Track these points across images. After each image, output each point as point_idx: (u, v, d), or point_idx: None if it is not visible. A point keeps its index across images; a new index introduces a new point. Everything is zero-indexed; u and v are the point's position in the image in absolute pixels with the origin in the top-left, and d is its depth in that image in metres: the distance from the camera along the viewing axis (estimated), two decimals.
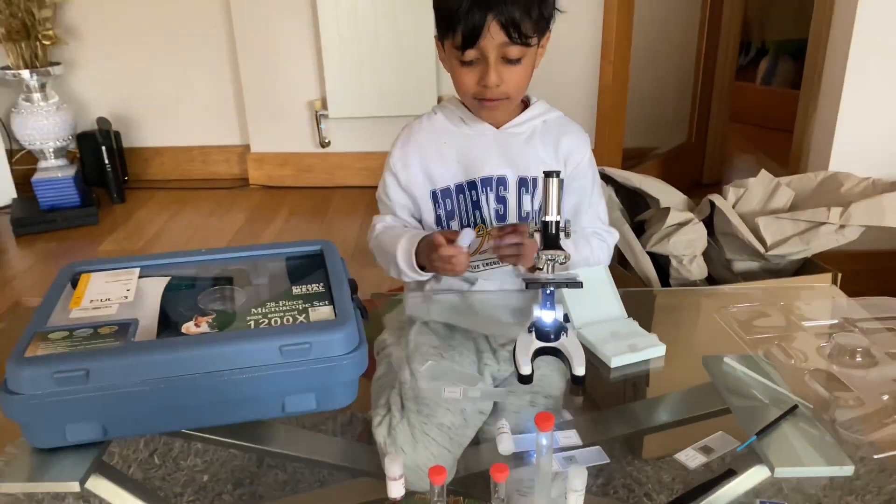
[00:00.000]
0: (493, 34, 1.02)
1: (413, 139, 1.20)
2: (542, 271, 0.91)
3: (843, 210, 1.41)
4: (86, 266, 1.00)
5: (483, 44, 1.03)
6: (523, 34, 1.03)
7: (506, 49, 1.04)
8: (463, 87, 1.11)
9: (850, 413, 0.84)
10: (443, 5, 1.06)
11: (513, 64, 1.06)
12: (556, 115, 1.22)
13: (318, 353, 0.83)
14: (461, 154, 1.17)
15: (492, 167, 1.16)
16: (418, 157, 1.19)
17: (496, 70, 1.05)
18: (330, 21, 2.74)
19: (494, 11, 1.01)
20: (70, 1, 2.89)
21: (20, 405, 0.77)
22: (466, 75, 1.09)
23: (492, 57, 1.05)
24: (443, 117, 1.21)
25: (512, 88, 1.09)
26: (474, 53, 1.05)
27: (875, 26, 1.85)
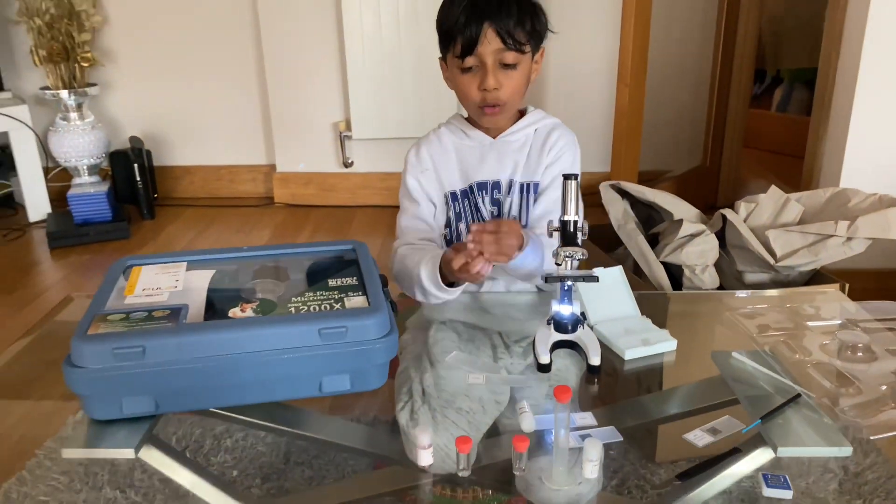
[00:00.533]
0: (490, 40, 1.14)
1: (423, 150, 1.31)
2: (561, 267, 0.98)
3: (850, 223, 1.46)
4: (136, 260, 1.09)
5: (480, 50, 1.15)
6: (517, 41, 1.15)
7: (502, 55, 1.16)
8: (466, 96, 1.22)
9: (850, 401, 0.89)
10: (444, 22, 1.19)
11: (509, 69, 1.17)
12: (549, 121, 1.30)
13: (354, 337, 0.90)
14: (462, 161, 1.29)
15: (486, 172, 1.27)
16: (430, 163, 1.30)
17: (494, 75, 1.16)
18: (355, 46, 2.85)
19: (490, 20, 1.13)
20: (108, 25, 3.02)
21: (83, 378, 0.84)
22: (468, 83, 1.19)
23: (489, 62, 1.16)
24: (446, 131, 1.32)
25: (509, 93, 1.19)
26: (473, 60, 1.16)
27: (882, 53, 1.93)
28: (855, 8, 1.98)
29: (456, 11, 1.16)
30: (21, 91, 3.07)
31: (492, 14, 1.14)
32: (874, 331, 1.06)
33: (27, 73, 3.06)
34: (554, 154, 1.26)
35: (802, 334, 1.07)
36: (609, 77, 2.68)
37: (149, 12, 3.02)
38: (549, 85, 2.92)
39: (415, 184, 1.30)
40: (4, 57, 2.97)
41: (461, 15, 1.15)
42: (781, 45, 4.17)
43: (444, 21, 1.19)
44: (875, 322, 1.09)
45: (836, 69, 2.08)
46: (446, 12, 1.19)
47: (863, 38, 1.92)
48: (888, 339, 1.04)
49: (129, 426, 0.88)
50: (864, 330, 1.07)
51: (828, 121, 2.13)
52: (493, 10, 1.14)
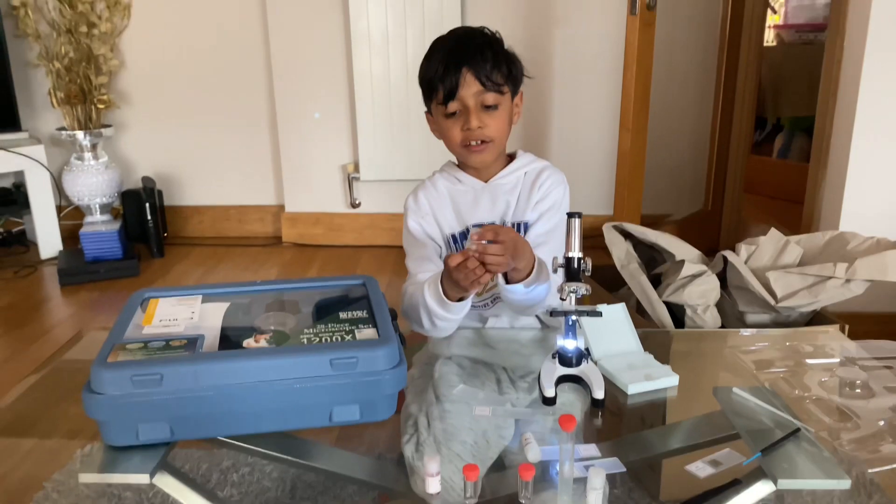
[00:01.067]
0: (469, 83, 1.21)
1: (421, 196, 1.36)
2: (565, 302, 1.01)
3: (849, 265, 1.49)
4: (153, 293, 1.12)
5: (462, 93, 1.21)
6: (495, 82, 1.22)
7: (482, 96, 1.22)
8: (451, 139, 1.27)
9: (849, 435, 0.91)
10: (425, 74, 1.26)
11: (490, 110, 1.23)
12: (539, 164, 1.35)
13: (364, 368, 0.92)
14: (456, 205, 1.33)
15: (480, 215, 1.31)
16: (428, 208, 1.34)
17: (476, 115, 1.22)
18: (365, 91, 2.92)
19: (467, 65, 1.20)
20: (124, 69, 3.11)
21: (101, 404, 0.87)
22: (452, 127, 1.25)
23: (471, 104, 1.22)
24: (440, 177, 1.37)
25: (493, 132, 1.24)
26: (456, 105, 1.23)
27: (877, 101, 1.98)
28: (850, 57, 2.04)
29: (435, 63, 1.24)
30: (38, 131, 3.15)
31: (469, 59, 1.21)
32: (872, 368, 1.09)
33: (44, 113, 3.14)
34: (543, 191, 1.30)
35: (802, 371, 1.09)
36: (611, 122, 2.74)
37: (164, 56, 3.11)
38: (552, 129, 2.99)
39: (417, 227, 1.34)
40: (23, 98, 3.05)
41: (440, 65, 1.22)
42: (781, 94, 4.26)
43: (425, 74, 1.26)
44: (873, 360, 1.12)
45: (833, 116, 2.13)
46: (426, 67, 1.27)
47: (858, 85, 1.98)
48: (886, 376, 1.06)
49: (144, 452, 0.90)
50: (863, 368, 1.09)
51: (826, 166, 2.18)
52: (470, 55, 1.21)
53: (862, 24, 1.97)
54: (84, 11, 2.87)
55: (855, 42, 2.01)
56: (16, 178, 3.08)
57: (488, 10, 2.84)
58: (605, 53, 2.85)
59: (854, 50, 2.02)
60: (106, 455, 0.91)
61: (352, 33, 2.86)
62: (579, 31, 2.87)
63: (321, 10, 2.92)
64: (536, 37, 2.89)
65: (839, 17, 2.07)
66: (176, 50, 3.11)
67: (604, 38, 2.84)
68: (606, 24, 2.82)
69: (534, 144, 2.97)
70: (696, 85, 2.97)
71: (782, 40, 4.52)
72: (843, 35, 2.06)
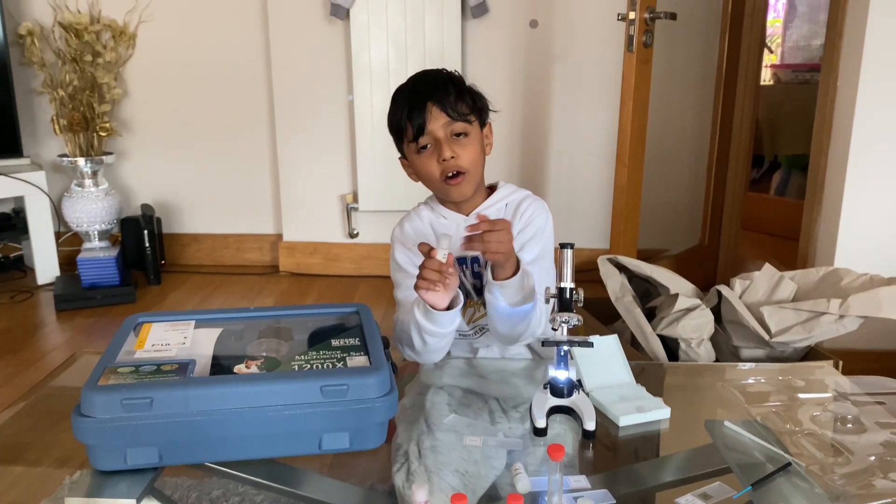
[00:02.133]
0: (436, 116, 1.23)
1: (407, 226, 1.38)
2: (557, 332, 1.01)
3: (843, 301, 1.50)
4: (147, 317, 1.12)
5: (430, 127, 1.24)
6: (460, 112, 1.24)
7: (451, 126, 1.24)
8: (429, 175, 1.28)
9: (840, 470, 0.91)
10: (393, 118, 1.30)
11: (461, 138, 1.25)
12: (520, 195, 1.36)
13: (354, 395, 0.92)
14: None
15: None
16: (413, 239, 1.34)
17: (448, 145, 1.24)
18: (365, 123, 2.95)
19: (432, 99, 1.23)
20: (127, 97, 3.14)
21: (90, 428, 0.87)
22: (427, 163, 1.26)
23: (441, 135, 1.24)
24: (425, 209, 1.38)
25: (466, 162, 1.25)
26: (426, 139, 1.25)
27: (871, 139, 2.00)
28: (844, 96, 2.07)
29: (401, 105, 1.27)
30: (39, 158, 3.18)
31: (431, 94, 1.24)
32: (864, 404, 1.08)
33: (46, 140, 3.17)
34: (524, 220, 1.31)
35: (794, 406, 1.09)
36: (609, 156, 2.77)
37: (167, 86, 3.15)
38: (549, 163, 3.01)
39: (404, 258, 1.34)
40: (26, 125, 3.08)
41: (405, 106, 1.26)
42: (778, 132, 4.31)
43: (393, 119, 1.30)
44: (865, 396, 1.12)
45: (827, 154, 2.15)
46: (392, 112, 1.30)
47: (852, 123, 2.00)
48: (878, 412, 1.06)
49: (132, 477, 0.90)
50: (855, 403, 1.09)
51: (821, 203, 2.19)
52: (432, 89, 1.25)
53: (855, 64, 2.00)
54: (90, 41, 2.91)
55: (848, 81, 2.04)
56: (15, 204, 3.10)
57: (488, 46, 2.88)
58: (602, 89, 2.89)
59: (847, 89, 2.04)
60: (93, 480, 0.90)
61: (353, 66, 2.90)
62: (578, 66, 2.91)
63: (324, 43, 2.96)
64: (535, 72, 2.93)
65: (832, 57, 2.11)
66: (179, 80, 3.14)
67: (601, 75, 2.88)
68: (604, 60, 2.86)
69: (531, 178, 3.00)
70: (694, 122, 3.01)
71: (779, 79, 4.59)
72: (837, 74, 2.09)
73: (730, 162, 3.01)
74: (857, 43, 1.99)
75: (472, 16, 2.85)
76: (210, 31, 3.10)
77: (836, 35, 2.09)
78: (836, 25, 2.09)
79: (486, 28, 2.89)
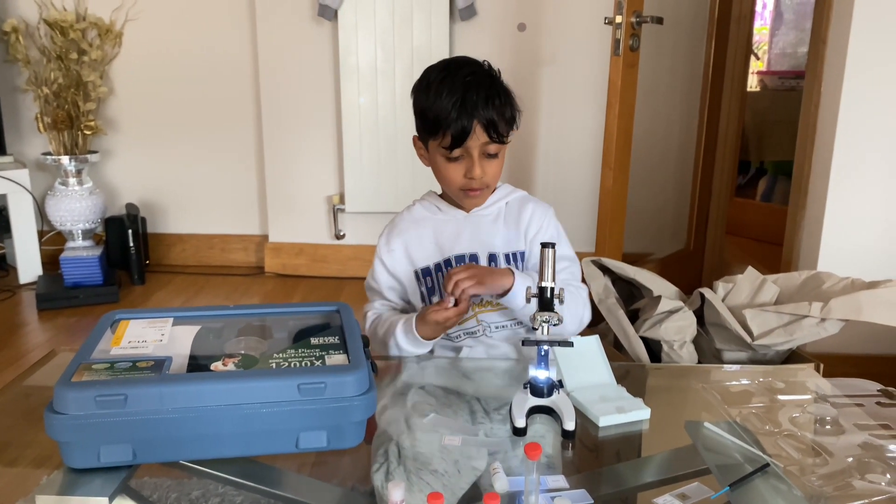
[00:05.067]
0: (478, 135, 1.22)
1: (396, 229, 1.38)
2: (538, 332, 1.01)
3: (824, 305, 1.50)
4: (124, 314, 1.11)
5: (469, 143, 1.22)
6: (500, 134, 1.23)
7: (487, 147, 1.24)
8: (450, 181, 1.29)
9: (818, 471, 0.91)
10: (430, 111, 1.24)
11: (492, 158, 1.26)
12: (518, 195, 1.38)
13: (332, 393, 0.91)
14: (437, 236, 1.34)
15: (463, 246, 1.32)
16: (400, 242, 1.36)
17: (480, 165, 1.24)
18: (352, 124, 2.95)
19: (478, 117, 1.20)
20: (112, 95, 3.12)
21: (63, 425, 0.86)
22: (453, 170, 1.26)
23: (475, 153, 1.24)
24: (420, 207, 1.38)
25: (491, 179, 1.28)
26: (460, 151, 1.23)
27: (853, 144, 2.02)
28: (827, 102, 2.08)
29: (445, 104, 1.21)
30: (23, 156, 3.15)
31: (480, 110, 1.21)
32: (843, 405, 1.09)
33: (30, 138, 3.14)
34: (536, 226, 1.33)
35: (774, 407, 1.09)
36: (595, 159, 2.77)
37: (153, 85, 3.13)
38: (536, 166, 3.02)
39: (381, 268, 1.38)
40: (10, 123, 3.05)
41: (452, 110, 1.20)
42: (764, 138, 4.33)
43: (429, 109, 1.24)
44: (844, 398, 1.12)
45: (811, 159, 2.17)
46: (431, 101, 1.23)
47: (835, 129, 2.01)
48: (856, 414, 1.06)
49: (105, 475, 0.89)
50: (834, 405, 1.09)
51: (805, 208, 2.20)
52: (482, 105, 1.21)
53: (838, 71, 2.01)
54: (75, 38, 2.90)
55: (832, 87, 2.05)
56: None
57: (476, 46, 2.89)
58: (589, 92, 2.90)
59: (831, 95, 2.06)
60: (66, 478, 0.89)
61: (341, 66, 2.90)
62: (565, 69, 2.92)
63: (311, 43, 2.96)
64: (523, 74, 2.93)
65: (816, 64, 2.12)
66: (165, 78, 3.13)
67: (588, 78, 2.89)
68: (591, 64, 2.87)
69: (518, 180, 3.00)
70: (680, 127, 3.02)
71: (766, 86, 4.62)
72: (821, 81, 2.10)
73: (716, 167, 3.03)
74: (840, 50, 2.01)
75: (461, 18, 2.85)
76: (197, 31, 3.08)
77: (819, 42, 2.10)
78: (819, 33, 2.11)
79: (473, 30, 2.89)
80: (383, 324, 1.35)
